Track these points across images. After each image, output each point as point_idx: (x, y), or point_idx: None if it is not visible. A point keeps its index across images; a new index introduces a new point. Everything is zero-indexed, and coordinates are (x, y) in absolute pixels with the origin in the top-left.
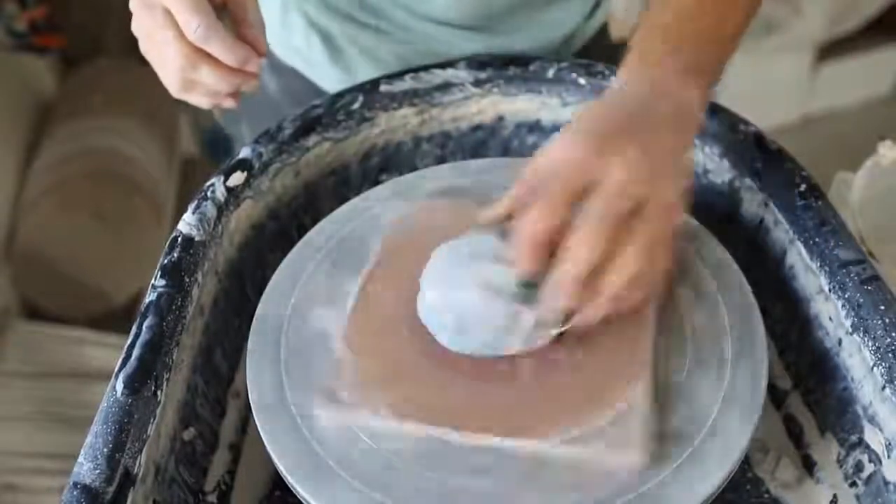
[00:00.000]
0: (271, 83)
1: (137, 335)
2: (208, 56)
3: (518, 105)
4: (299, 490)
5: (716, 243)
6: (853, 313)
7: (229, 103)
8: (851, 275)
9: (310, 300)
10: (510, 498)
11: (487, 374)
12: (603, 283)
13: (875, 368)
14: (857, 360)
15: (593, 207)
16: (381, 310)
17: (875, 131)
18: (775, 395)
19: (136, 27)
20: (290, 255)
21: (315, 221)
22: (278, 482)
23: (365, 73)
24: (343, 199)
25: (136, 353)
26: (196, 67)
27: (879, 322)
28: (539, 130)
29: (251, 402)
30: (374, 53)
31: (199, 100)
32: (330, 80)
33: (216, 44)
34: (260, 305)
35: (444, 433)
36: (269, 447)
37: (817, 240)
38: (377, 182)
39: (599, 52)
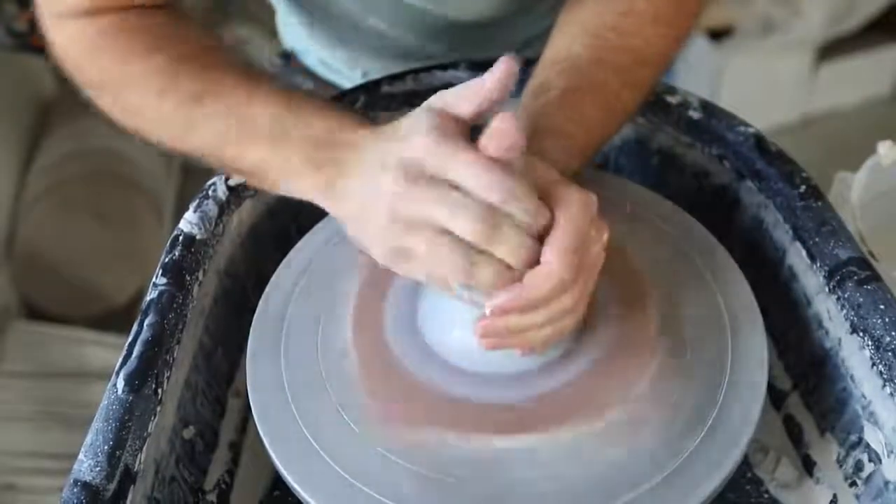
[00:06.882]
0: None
1: (138, 333)
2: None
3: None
4: (299, 490)
5: (716, 243)
6: (853, 313)
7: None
8: (851, 275)
9: (311, 299)
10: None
11: (492, 381)
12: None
13: (875, 368)
14: (857, 359)
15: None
16: (383, 310)
17: (875, 131)
18: (775, 396)
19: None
20: (290, 255)
21: (316, 221)
22: (278, 482)
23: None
24: None
25: (136, 350)
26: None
27: (879, 322)
28: None
29: (251, 401)
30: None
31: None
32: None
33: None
34: (260, 304)
35: (445, 434)
36: (268, 447)
37: (817, 240)
38: None
39: None
